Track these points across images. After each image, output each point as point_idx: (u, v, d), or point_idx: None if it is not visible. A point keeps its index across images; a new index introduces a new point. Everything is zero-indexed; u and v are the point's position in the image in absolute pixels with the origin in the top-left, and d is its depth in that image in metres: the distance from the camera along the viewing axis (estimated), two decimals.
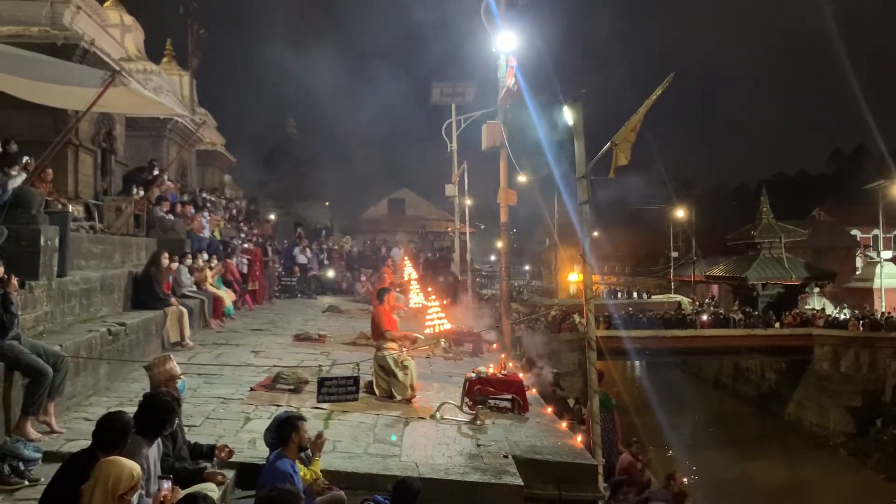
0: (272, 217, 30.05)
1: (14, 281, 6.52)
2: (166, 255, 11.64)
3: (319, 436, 5.85)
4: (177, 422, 5.17)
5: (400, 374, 8.94)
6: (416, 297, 15.34)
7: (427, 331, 10.73)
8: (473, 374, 9.14)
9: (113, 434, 4.21)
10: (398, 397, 8.86)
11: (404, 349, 9.37)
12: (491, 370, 9.46)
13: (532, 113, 12.61)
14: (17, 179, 8.55)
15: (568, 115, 8.04)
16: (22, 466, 5.43)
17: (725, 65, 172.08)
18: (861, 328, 31.23)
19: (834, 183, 66.19)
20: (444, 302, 19.48)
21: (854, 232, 52.96)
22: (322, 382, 7.80)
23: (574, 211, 8.64)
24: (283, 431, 5.36)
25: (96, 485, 3.72)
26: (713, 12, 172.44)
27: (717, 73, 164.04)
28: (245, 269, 16.98)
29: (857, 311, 35.45)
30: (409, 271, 18.89)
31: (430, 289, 18.00)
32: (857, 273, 46.37)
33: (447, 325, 10.98)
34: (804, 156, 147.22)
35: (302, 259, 21.77)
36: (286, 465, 5.15)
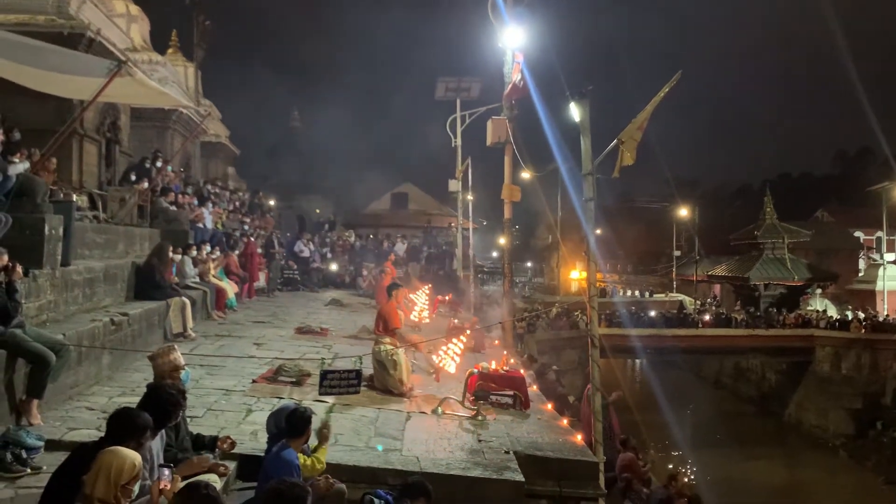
0: (273, 203, 30.02)
1: (18, 269, 6.53)
2: (171, 247, 11.65)
3: (325, 425, 5.84)
4: (180, 413, 5.16)
5: (391, 369, 8.97)
6: (418, 311, 15.23)
7: (435, 358, 10.52)
8: (475, 370, 9.14)
9: (128, 431, 4.15)
10: (393, 392, 8.89)
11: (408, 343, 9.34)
12: (493, 366, 9.46)
13: (538, 108, 12.60)
14: (20, 166, 8.54)
15: (574, 112, 8.02)
16: (24, 454, 5.44)
17: (731, 64, 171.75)
18: (864, 330, 31.23)
19: (838, 184, 66.09)
20: (447, 298, 19.50)
21: (857, 234, 52.89)
22: (324, 375, 7.80)
23: (580, 208, 8.62)
24: (299, 424, 5.37)
25: (98, 474, 3.72)
26: (719, 11, 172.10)
27: (722, 72, 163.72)
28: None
29: (859, 313, 35.43)
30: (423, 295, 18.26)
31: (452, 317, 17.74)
32: (860, 275, 46.32)
33: (455, 360, 10.52)
34: (808, 157, 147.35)
35: (305, 252, 21.77)
36: (292, 454, 5.15)
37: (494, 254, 59.07)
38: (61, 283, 8.34)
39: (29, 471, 5.35)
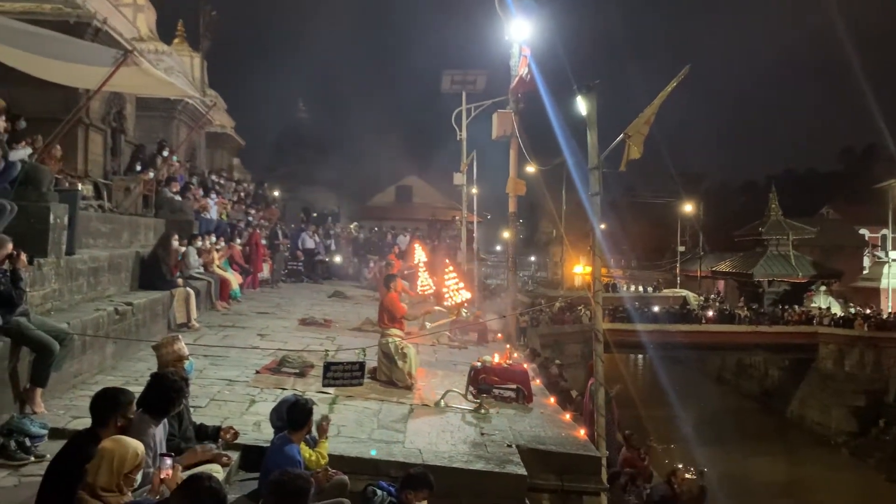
0: (277, 194, 30.03)
1: (23, 257, 6.52)
2: (177, 237, 11.66)
3: (325, 419, 5.85)
4: (183, 402, 5.17)
5: (399, 361, 8.97)
6: (425, 280, 15.35)
7: (447, 302, 10.84)
8: (478, 363, 9.14)
9: (102, 409, 4.24)
10: (399, 384, 8.90)
11: (423, 321, 9.42)
12: (496, 360, 9.46)
13: (545, 102, 12.56)
14: (21, 152, 8.52)
15: (581, 106, 7.99)
16: (28, 443, 5.45)
17: (736, 59, 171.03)
18: (867, 328, 31.20)
19: (843, 181, 65.75)
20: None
21: (862, 231, 52.72)
22: (328, 367, 7.79)
23: (586, 202, 8.60)
24: (300, 417, 5.35)
25: (101, 463, 3.75)
26: (726, 8, 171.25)
27: (729, 68, 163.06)
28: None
29: (860, 309, 35.38)
30: (420, 256, 19.02)
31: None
32: (865, 272, 46.25)
33: (467, 294, 11.06)
34: (814, 153, 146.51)
35: (309, 244, 21.78)
36: (294, 450, 5.15)
37: (498, 247, 59.10)
38: (66, 272, 8.34)
39: (33, 459, 5.36)
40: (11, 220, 7.27)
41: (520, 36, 14.04)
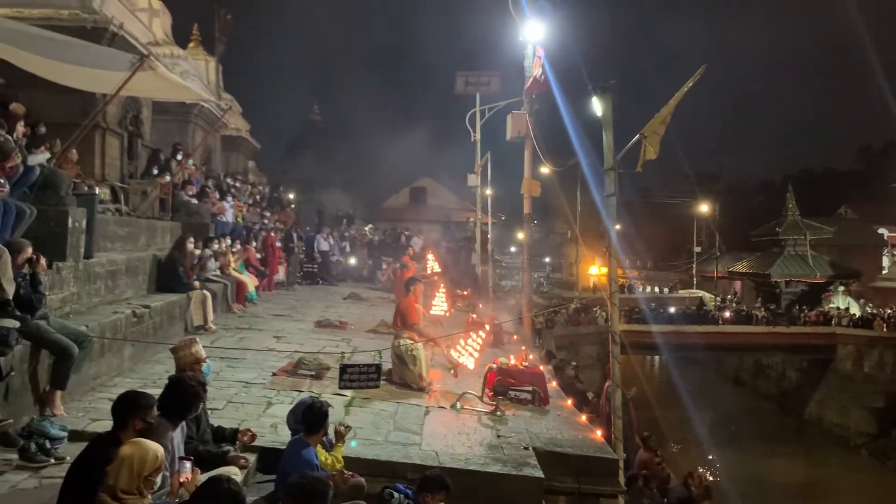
0: (292, 197, 30.15)
1: (42, 261, 6.60)
2: (192, 239, 11.71)
3: (342, 424, 5.86)
4: (201, 405, 5.19)
5: (410, 364, 8.97)
6: (441, 301, 15.09)
7: (453, 353, 10.42)
8: (494, 365, 9.13)
9: (123, 413, 4.24)
10: (413, 386, 8.90)
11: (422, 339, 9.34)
12: (512, 361, 9.44)
13: (559, 103, 12.54)
14: (39, 157, 8.60)
15: (597, 106, 7.96)
16: (48, 445, 5.49)
17: (753, 58, 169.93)
18: (886, 328, 30.88)
19: (861, 180, 65.02)
20: (465, 293, 19.54)
21: (881, 230, 52.11)
22: (344, 369, 7.81)
23: (601, 202, 8.57)
24: (316, 419, 5.37)
25: (121, 466, 3.76)
26: (742, 5, 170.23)
27: (744, 66, 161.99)
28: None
29: (879, 309, 35.01)
30: (433, 266, 18.88)
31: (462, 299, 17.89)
32: (884, 272, 45.75)
33: (474, 356, 10.34)
34: (831, 152, 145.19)
35: (324, 246, 21.85)
36: (311, 453, 5.15)
37: (513, 248, 59.05)
38: (84, 275, 8.41)
39: (53, 461, 5.40)
40: (31, 224, 7.34)
41: (534, 37, 14.04)
